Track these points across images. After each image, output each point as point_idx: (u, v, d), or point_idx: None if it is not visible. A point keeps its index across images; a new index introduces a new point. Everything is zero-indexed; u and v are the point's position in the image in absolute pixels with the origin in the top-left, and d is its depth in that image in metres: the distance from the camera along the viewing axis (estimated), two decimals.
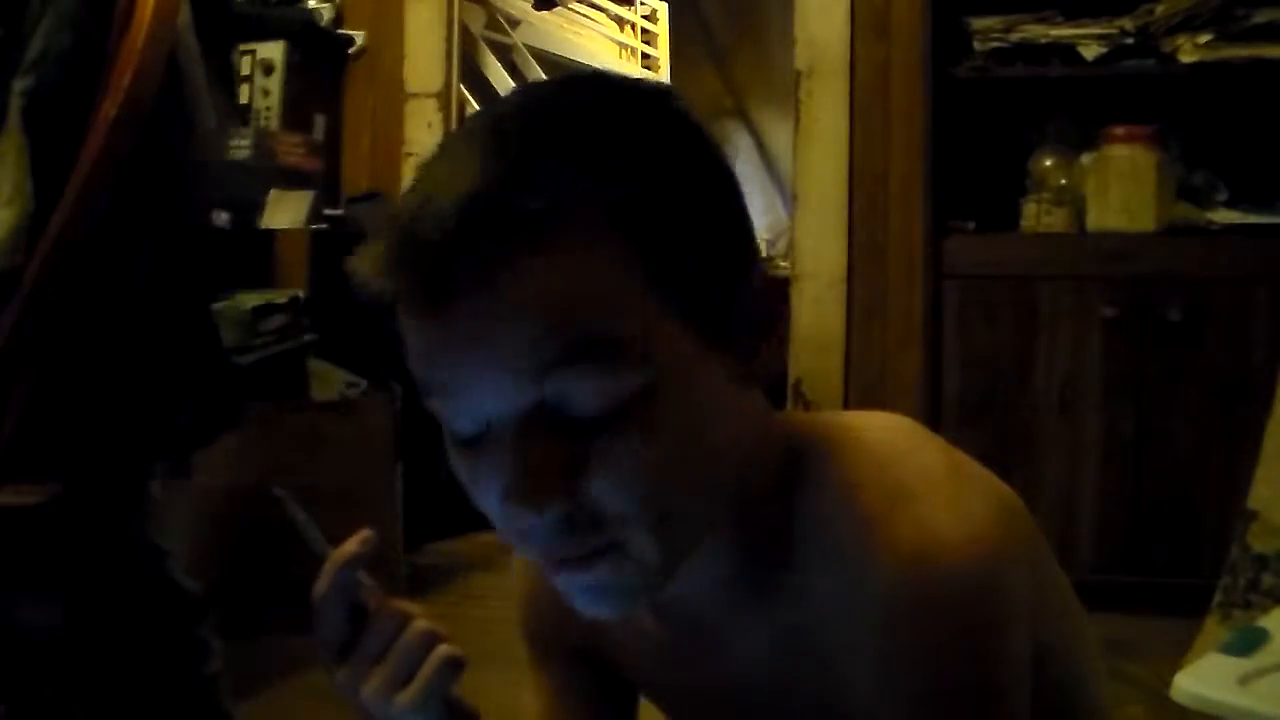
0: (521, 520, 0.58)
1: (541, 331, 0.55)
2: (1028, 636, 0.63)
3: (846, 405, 2.78)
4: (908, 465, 0.65)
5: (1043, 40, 2.56)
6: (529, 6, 4.21)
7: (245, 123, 3.16)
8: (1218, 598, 1.95)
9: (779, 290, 0.62)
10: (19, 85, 1.35)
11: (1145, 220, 2.48)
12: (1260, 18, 2.42)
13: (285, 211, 2.90)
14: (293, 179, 3.04)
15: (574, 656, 0.83)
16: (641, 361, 0.56)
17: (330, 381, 2.58)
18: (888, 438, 0.68)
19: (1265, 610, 1.68)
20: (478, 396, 0.57)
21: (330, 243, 2.92)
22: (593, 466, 0.57)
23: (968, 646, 0.60)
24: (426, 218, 0.55)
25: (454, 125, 3.45)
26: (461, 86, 3.50)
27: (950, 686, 0.60)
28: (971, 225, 2.66)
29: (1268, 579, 1.89)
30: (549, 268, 0.55)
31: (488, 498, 0.60)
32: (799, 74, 2.83)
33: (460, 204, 0.54)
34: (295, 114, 3.23)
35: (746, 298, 0.61)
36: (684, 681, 0.74)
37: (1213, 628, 1.90)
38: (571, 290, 0.55)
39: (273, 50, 3.20)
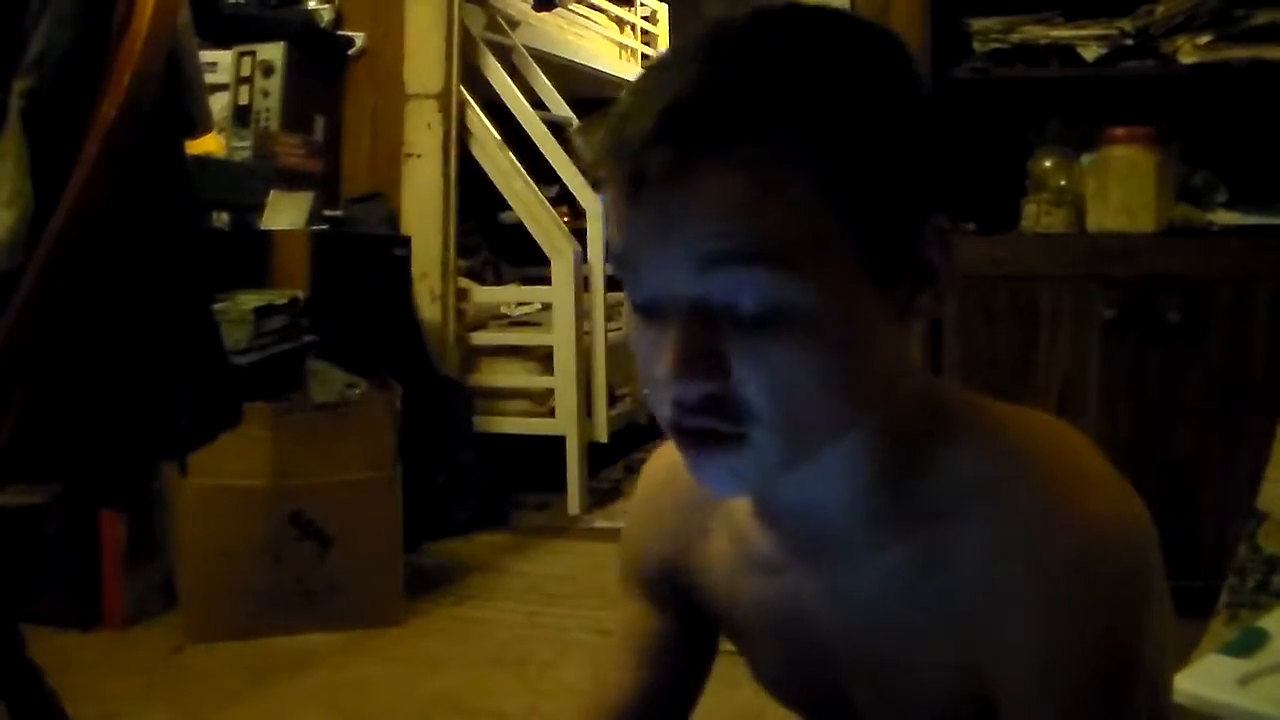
0: (673, 391, 0.63)
1: (716, 231, 0.60)
2: (1156, 637, 0.66)
3: None
4: (1076, 450, 0.69)
5: (1042, 41, 2.56)
6: (529, 7, 4.20)
7: (245, 123, 3.16)
8: (1224, 598, 1.94)
9: (952, 244, 0.67)
10: (19, 85, 1.35)
11: (1145, 220, 2.48)
12: (1260, 18, 2.42)
13: (285, 212, 2.90)
14: (293, 179, 3.04)
15: (667, 600, 0.86)
16: (804, 279, 0.61)
17: (330, 381, 2.58)
18: (1052, 424, 0.71)
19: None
20: (655, 278, 0.63)
21: (330, 243, 2.92)
22: (741, 362, 0.62)
23: (1131, 616, 0.64)
24: (633, 116, 0.61)
25: (454, 125, 3.45)
26: (461, 87, 3.50)
27: (1107, 647, 0.63)
28: (972, 225, 2.66)
29: (1278, 580, 1.89)
30: (734, 176, 0.59)
31: (649, 365, 0.65)
32: None
33: (662, 107, 0.60)
34: (295, 114, 3.24)
35: (921, 243, 0.65)
36: (785, 609, 0.76)
37: (1219, 628, 1.90)
38: (751, 200, 0.60)
39: (273, 51, 3.21)
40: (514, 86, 3.68)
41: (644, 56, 5.23)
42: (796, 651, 0.76)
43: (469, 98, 3.53)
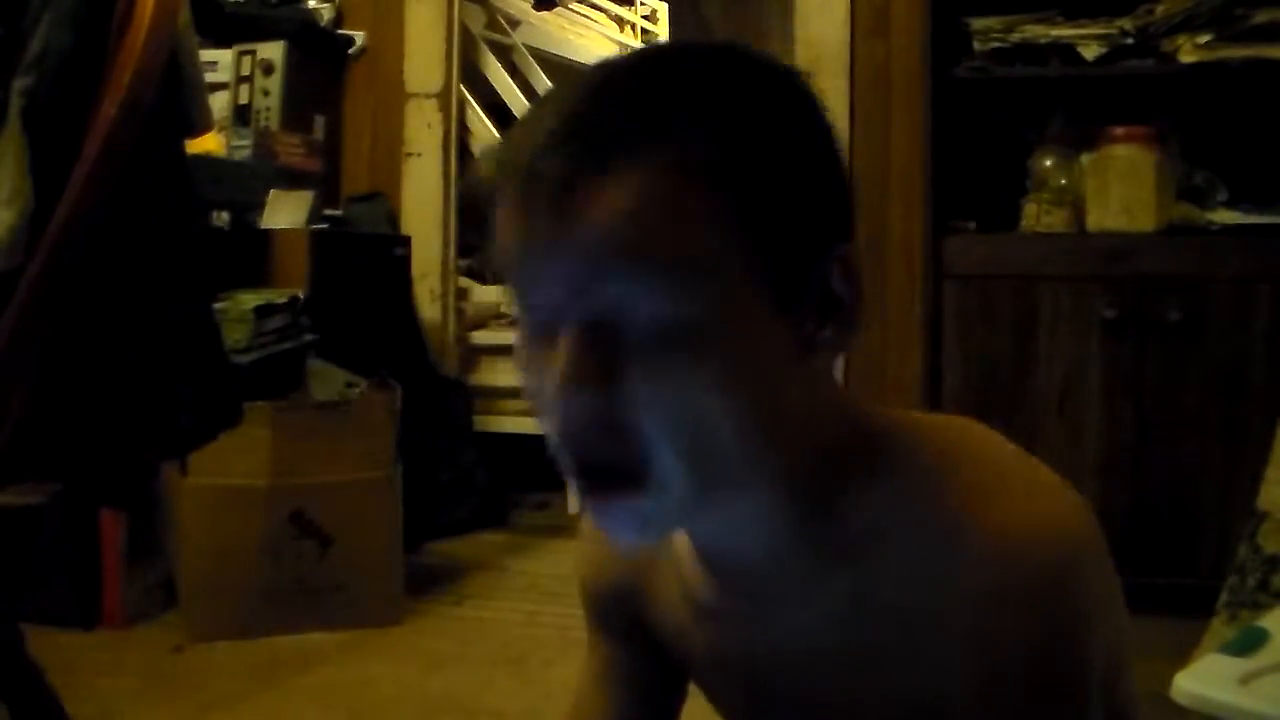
0: (562, 410, 0.61)
1: (613, 239, 0.59)
2: (1104, 638, 0.65)
3: None
4: (996, 458, 0.68)
5: (1043, 40, 2.56)
6: (529, 6, 4.20)
7: (245, 123, 3.16)
8: (1224, 598, 1.94)
9: (859, 276, 0.66)
10: (19, 85, 1.35)
11: (1145, 220, 2.48)
12: (1260, 18, 2.42)
13: (285, 211, 2.90)
14: (293, 179, 3.04)
15: (629, 632, 0.84)
16: (702, 295, 0.59)
17: (330, 381, 2.58)
18: (970, 433, 0.71)
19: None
20: (550, 289, 0.61)
21: (330, 243, 2.92)
22: (638, 383, 0.60)
23: (1061, 631, 0.62)
24: (530, 128, 0.61)
25: (454, 125, 3.45)
26: (461, 86, 3.50)
27: (1039, 668, 0.62)
28: (972, 225, 2.66)
29: (1278, 580, 1.89)
30: (632, 186, 0.58)
31: (540, 391, 0.63)
32: None
33: (561, 117, 0.60)
34: (295, 114, 3.23)
35: (824, 273, 0.64)
36: (733, 653, 0.74)
37: (1219, 628, 1.90)
38: (649, 211, 0.58)
39: (273, 50, 3.20)
40: (514, 86, 3.68)
41: None
42: (748, 693, 0.75)
43: (469, 97, 3.53)
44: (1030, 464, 0.68)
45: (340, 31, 3.45)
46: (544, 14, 4.32)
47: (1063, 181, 2.63)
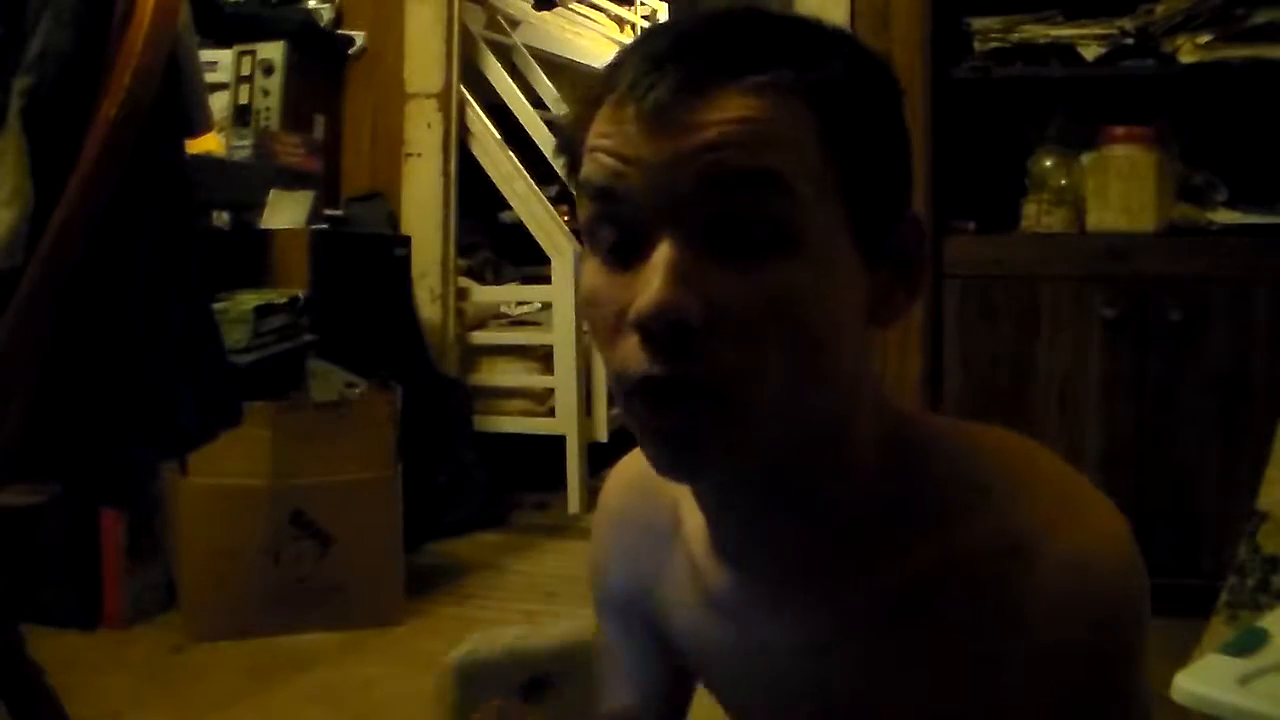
0: (651, 317, 0.58)
1: (731, 141, 0.59)
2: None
3: None
4: (1058, 471, 0.67)
5: (1043, 40, 2.56)
6: (529, 6, 4.20)
7: (245, 123, 3.16)
8: (1224, 598, 1.94)
9: (925, 241, 0.68)
10: (19, 85, 1.35)
11: (1145, 220, 2.48)
12: (1260, 18, 2.42)
13: (285, 211, 2.90)
14: (293, 179, 3.04)
15: (639, 633, 0.83)
16: (809, 213, 0.60)
17: (330, 381, 2.58)
18: (1020, 442, 0.69)
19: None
20: (652, 196, 0.60)
21: (330, 243, 2.92)
22: (732, 286, 0.59)
23: (1130, 645, 0.63)
24: (646, 44, 0.63)
25: (454, 125, 3.45)
26: (461, 86, 3.50)
27: (1110, 680, 0.62)
28: (972, 225, 2.66)
29: (1278, 580, 1.89)
30: (747, 99, 0.59)
31: (614, 313, 0.61)
32: None
33: (677, 35, 0.62)
34: (295, 114, 3.23)
35: (900, 232, 0.65)
36: (751, 649, 0.72)
37: (1219, 628, 1.90)
38: (764, 124, 0.59)
39: (273, 50, 3.20)
40: (514, 86, 3.68)
41: None
42: (763, 698, 0.73)
43: (469, 97, 3.52)
44: (1084, 478, 0.67)
45: (340, 31, 3.45)
46: (544, 14, 4.32)
47: (1063, 181, 2.62)
